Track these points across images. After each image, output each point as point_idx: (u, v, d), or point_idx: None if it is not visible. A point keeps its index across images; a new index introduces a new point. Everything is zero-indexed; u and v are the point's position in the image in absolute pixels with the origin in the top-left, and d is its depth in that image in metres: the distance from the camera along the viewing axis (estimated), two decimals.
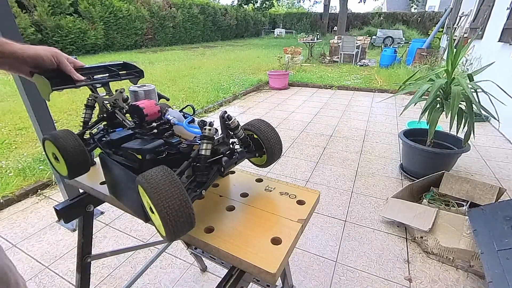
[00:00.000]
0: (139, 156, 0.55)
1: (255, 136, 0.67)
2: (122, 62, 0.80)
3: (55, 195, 2.20)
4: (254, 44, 15.96)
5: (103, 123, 0.74)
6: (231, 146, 0.62)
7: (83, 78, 0.67)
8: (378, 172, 2.51)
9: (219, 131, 0.60)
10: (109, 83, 0.76)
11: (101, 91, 0.76)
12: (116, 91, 0.72)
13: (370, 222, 1.87)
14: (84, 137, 0.71)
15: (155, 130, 0.60)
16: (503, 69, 3.46)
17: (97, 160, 0.86)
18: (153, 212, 0.45)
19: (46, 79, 0.62)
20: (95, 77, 0.74)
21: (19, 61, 0.63)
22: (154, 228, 0.52)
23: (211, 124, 0.55)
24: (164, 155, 0.56)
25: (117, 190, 0.66)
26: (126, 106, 0.70)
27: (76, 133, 0.66)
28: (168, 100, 0.85)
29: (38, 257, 1.62)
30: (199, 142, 0.55)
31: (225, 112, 0.59)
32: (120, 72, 0.78)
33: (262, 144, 0.66)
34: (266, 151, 0.67)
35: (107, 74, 0.76)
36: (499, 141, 3.13)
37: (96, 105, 0.74)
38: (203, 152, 0.53)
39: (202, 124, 0.55)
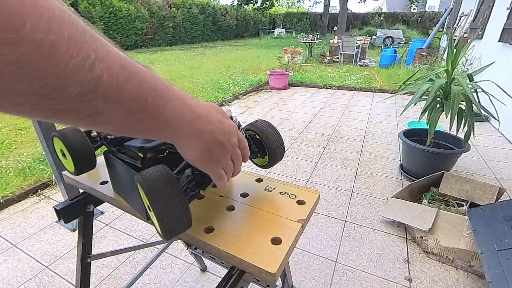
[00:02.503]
0: (141, 154, 0.55)
1: (257, 136, 0.66)
2: None
3: (55, 195, 2.20)
4: (254, 44, 15.96)
5: None
6: None
7: None
8: (378, 172, 2.51)
9: None
10: None
11: None
12: None
13: (370, 222, 1.87)
14: (92, 134, 0.72)
15: None
16: (503, 69, 3.46)
17: (97, 159, 0.86)
18: (150, 211, 0.46)
19: None
20: None
21: None
22: (153, 227, 0.52)
23: None
24: (165, 154, 0.57)
25: (120, 188, 0.66)
26: None
27: (83, 131, 0.67)
28: None
29: (38, 257, 1.62)
30: None
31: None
32: None
33: (264, 145, 0.66)
34: (268, 152, 0.67)
35: None
36: (499, 141, 3.13)
37: None
38: None
39: None
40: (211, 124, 0.38)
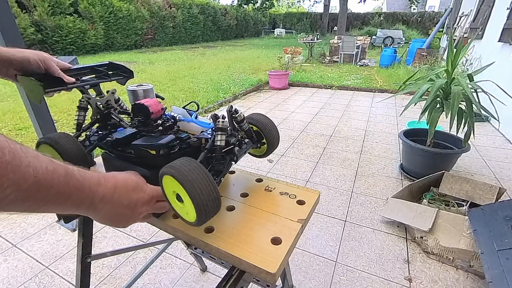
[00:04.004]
0: (153, 152, 0.56)
1: (255, 128, 0.71)
2: (108, 62, 0.79)
3: None
4: (254, 44, 15.96)
5: (96, 125, 0.74)
6: (239, 137, 0.66)
7: (73, 80, 0.67)
8: (378, 172, 2.51)
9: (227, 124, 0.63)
10: (99, 84, 0.76)
11: (91, 93, 0.75)
12: (107, 92, 0.72)
13: (370, 222, 1.87)
14: (79, 139, 0.71)
15: (160, 128, 0.63)
16: (503, 69, 3.46)
17: (97, 160, 0.86)
18: (180, 201, 0.48)
19: (38, 81, 0.60)
20: (83, 78, 0.73)
21: (5, 64, 0.61)
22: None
23: (223, 117, 0.58)
24: (176, 149, 0.58)
25: None
26: (118, 107, 0.71)
27: (72, 135, 0.67)
28: (163, 99, 0.86)
29: (38, 257, 1.62)
30: (214, 134, 0.59)
31: (232, 106, 0.63)
32: (109, 73, 0.77)
33: (262, 135, 0.71)
34: (266, 141, 0.72)
35: (94, 75, 0.76)
36: (499, 141, 3.13)
37: (89, 106, 0.74)
38: (218, 143, 0.57)
39: (215, 117, 0.58)
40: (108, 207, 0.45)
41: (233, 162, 0.63)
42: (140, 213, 0.50)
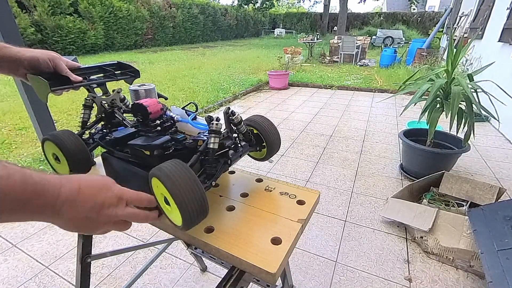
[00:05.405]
0: (147, 152, 0.56)
1: (255, 131, 0.70)
2: (116, 62, 0.80)
3: None
4: (254, 44, 15.96)
5: (101, 123, 0.74)
6: (235, 140, 0.65)
7: (80, 78, 0.68)
8: (378, 172, 2.51)
9: (223, 126, 0.62)
10: (106, 83, 0.76)
11: (97, 91, 0.76)
12: (113, 91, 0.72)
13: (370, 222, 1.87)
14: (83, 137, 0.72)
15: (159, 128, 0.62)
16: (503, 69, 3.46)
17: (97, 160, 0.86)
18: (168, 204, 0.47)
19: (44, 79, 0.62)
20: (90, 77, 0.74)
21: (16, 63, 0.63)
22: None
23: (218, 119, 0.57)
24: (170, 150, 0.58)
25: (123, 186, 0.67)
26: (123, 106, 0.71)
27: (76, 133, 0.67)
28: (166, 99, 0.86)
29: (38, 257, 1.61)
30: (207, 136, 0.57)
31: (229, 108, 0.62)
32: (116, 72, 0.78)
33: (262, 138, 0.70)
34: (266, 145, 0.70)
35: (102, 74, 0.77)
36: (499, 141, 3.13)
37: (94, 105, 0.75)
38: (211, 146, 0.56)
39: (209, 119, 0.57)
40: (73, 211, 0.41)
41: (228, 166, 0.61)
42: (108, 217, 0.45)
